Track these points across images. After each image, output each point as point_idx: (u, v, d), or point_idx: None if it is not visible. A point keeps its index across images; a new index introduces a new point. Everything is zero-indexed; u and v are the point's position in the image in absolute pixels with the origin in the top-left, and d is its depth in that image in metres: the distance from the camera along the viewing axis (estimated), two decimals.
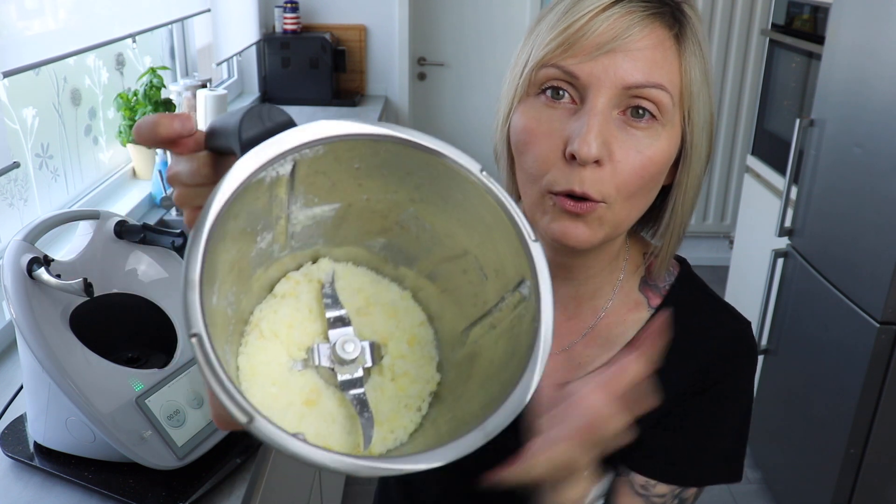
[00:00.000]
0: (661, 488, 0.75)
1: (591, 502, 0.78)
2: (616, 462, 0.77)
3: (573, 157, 0.63)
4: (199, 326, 0.38)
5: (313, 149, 0.44)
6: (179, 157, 0.48)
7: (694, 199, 0.72)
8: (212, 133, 0.47)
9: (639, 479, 0.76)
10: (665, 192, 0.73)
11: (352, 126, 0.45)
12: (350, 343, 0.46)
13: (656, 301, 0.78)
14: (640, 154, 0.64)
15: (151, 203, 2.12)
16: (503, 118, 0.71)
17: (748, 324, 0.79)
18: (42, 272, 0.97)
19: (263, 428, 0.38)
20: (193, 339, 0.38)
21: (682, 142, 0.68)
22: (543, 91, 0.66)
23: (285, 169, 0.44)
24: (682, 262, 0.83)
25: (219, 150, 0.47)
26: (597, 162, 0.63)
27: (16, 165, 1.42)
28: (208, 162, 0.47)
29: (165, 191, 1.94)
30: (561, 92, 0.65)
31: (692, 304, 0.78)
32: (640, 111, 0.64)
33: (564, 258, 0.74)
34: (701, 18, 0.68)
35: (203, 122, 2.40)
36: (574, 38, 0.63)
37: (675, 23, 0.65)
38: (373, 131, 0.45)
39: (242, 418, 0.38)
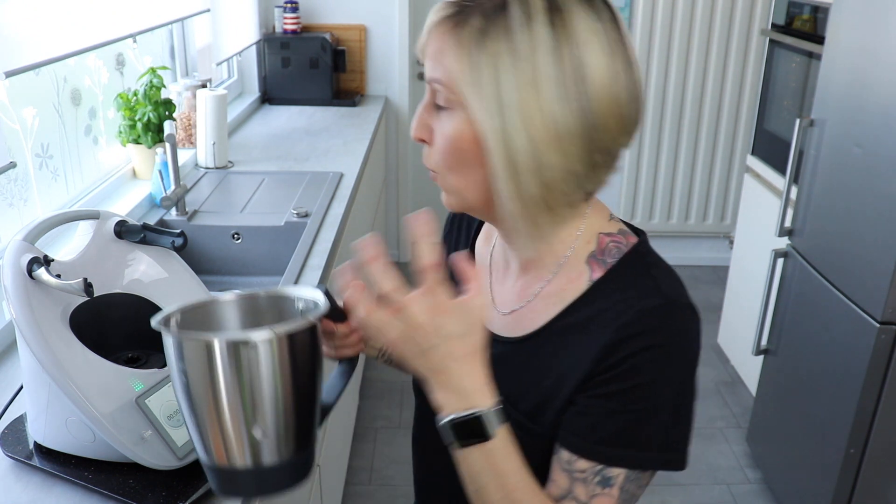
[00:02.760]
0: (581, 464, 0.77)
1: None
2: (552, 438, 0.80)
3: None
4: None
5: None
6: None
7: (520, 179, 0.73)
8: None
9: (564, 454, 0.78)
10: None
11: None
12: None
13: (598, 274, 0.81)
14: (442, 134, 0.77)
15: (151, 203, 2.12)
16: None
17: (674, 305, 0.77)
18: (42, 272, 0.97)
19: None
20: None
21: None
22: None
23: None
24: (641, 239, 0.84)
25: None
26: (425, 141, 0.79)
27: (12, 165, 1.42)
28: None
29: (165, 191, 1.94)
30: None
31: (628, 279, 0.79)
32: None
33: (500, 233, 0.88)
34: (532, 6, 0.71)
35: (203, 122, 2.40)
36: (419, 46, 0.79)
37: (457, 21, 0.74)
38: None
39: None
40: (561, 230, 0.82)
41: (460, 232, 1.01)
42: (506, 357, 0.84)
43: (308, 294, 0.79)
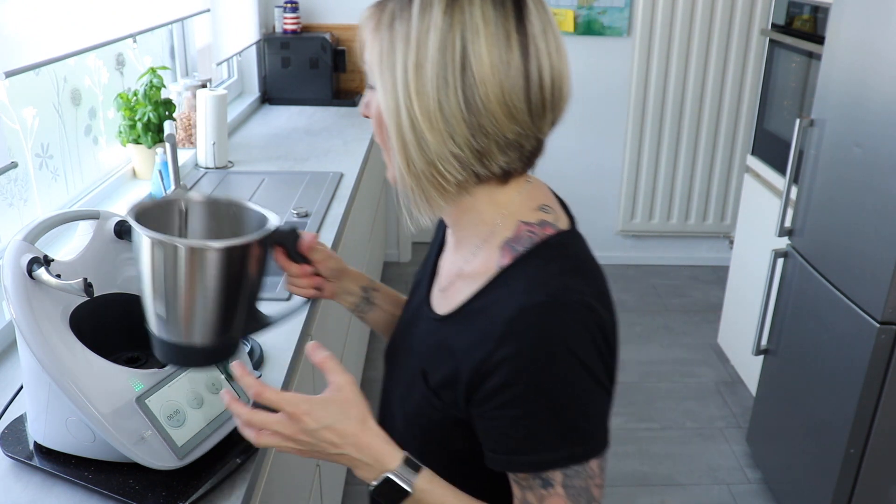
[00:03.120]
0: (519, 474, 0.79)
1: None
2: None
3: None
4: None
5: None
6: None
7: (406, 155, 0.79)
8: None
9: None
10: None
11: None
12: None
13: (506, 261, 0.82)
14: (372, 111, 0.84)
15: None
16: None
17: (557, 304, 0.76)
18: (42, 272, 0.97)
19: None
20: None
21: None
22: None
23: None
24: (567, 232, 0.85)
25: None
26: (367, 117, 0.85)
27: (13, 165, 1.42)
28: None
29: (165, 191, 1.94)
30: None
31: (524, 273, 0.80)
32: None
33: None
34: (404, 5, 0.77)
35: (203, 122, 2.40)
36: None
37: (380, 7, 0.80)
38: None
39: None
40: (484, 211, 0.84)
41: None
42: (430, 332, 0.89)
43: (267, 215, 0.94)
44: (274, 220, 0.92)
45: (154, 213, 0.91)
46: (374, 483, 0.80)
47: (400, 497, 0.79)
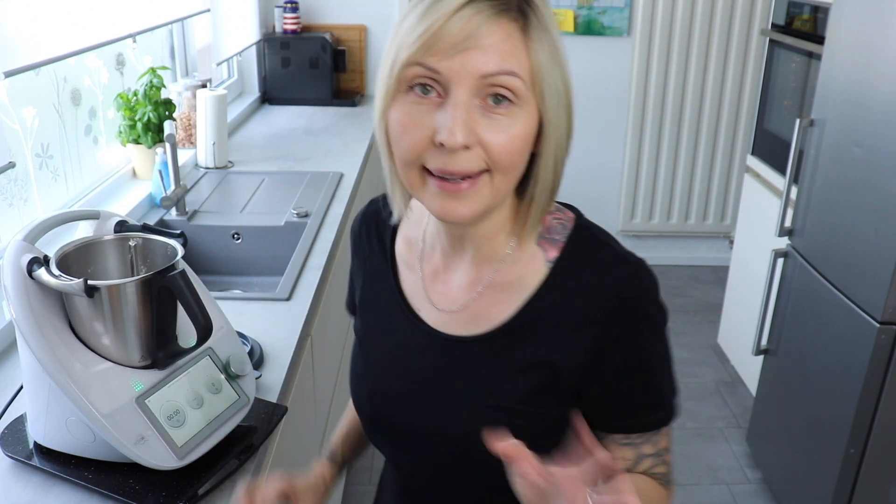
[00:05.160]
0: (634, 437, 0.84)
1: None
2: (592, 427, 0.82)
3: (442, 145, 0.72)
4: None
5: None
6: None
7: (558, 166, 0.79)
8: None
9: (616, 435, 0.84)
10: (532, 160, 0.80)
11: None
12: None
13: (553, 254, 0.83)
14: (505, 134, 0.73)
15: (151, 203, 2.12)
16: (380, 114, 0.78)
17: (640, 266, 0.82)
18: (42, 272, 0.97)
19: None
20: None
21: (541, 118, 0.76)
22: (412, 88, 0.74)
23: None
24: (576, 213, 0.88)
25: None
26: (467, 147, 0.72)
27: (11, 165, 1.42)
28: None
29: (165, 191, 1.94)
30: (428, 88, 0.73)
31: (587, 255, 0.83)
32: (499, 98, 0.73)
33: (457, 230, 0.84)
34: (548, 3, 0.76)
35: (203, 122, 2.40)
36: (433, 39, 0.71)
37: (521, 15, 0.73)
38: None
39: None
40: (500, 215, 0.83)
41: (371, 239, 0.96)
42: (476, 354, 0.84)
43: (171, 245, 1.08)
44: (176, 255, 1.06)
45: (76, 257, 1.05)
46: None
47: None
